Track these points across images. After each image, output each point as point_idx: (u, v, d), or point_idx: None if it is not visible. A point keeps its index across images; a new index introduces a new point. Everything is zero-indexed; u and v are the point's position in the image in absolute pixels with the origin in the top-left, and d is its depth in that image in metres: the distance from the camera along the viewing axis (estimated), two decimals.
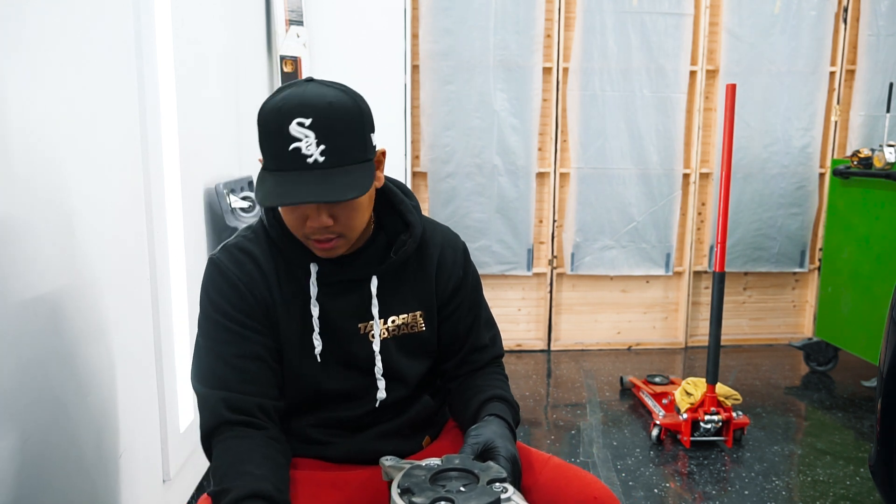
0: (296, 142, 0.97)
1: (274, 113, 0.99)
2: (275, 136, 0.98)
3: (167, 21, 1.85)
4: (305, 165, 0.97)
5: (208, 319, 1.10)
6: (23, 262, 1.18)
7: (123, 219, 1.60)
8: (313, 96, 0.99)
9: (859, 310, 3.16)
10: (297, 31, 3.16)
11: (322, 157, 0.97)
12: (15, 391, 1.14)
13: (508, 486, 0.92)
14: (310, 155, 0.97)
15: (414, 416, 1.22)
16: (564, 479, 1.13)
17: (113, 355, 1.53)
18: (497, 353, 1.29)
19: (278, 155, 0.99)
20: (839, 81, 3.74)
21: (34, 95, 1.22)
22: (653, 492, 2.31)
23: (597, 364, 3.62)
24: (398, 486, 0.93)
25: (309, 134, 0.97)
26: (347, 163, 1.00)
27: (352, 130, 1.01)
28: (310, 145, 0.97)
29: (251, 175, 2.62)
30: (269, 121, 0.99)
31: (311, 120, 0.97)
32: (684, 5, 3.57)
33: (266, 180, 1.00)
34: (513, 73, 3.55)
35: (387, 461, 1.01)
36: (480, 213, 3.65)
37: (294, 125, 0.97)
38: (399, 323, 1.18)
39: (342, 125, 0.99)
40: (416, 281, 1.20)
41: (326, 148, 0.98)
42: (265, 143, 1.01)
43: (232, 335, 1.08)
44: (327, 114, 0.98)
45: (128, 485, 1.58)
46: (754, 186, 3.76)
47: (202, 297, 1.11)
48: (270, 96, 1.02)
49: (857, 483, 2.36)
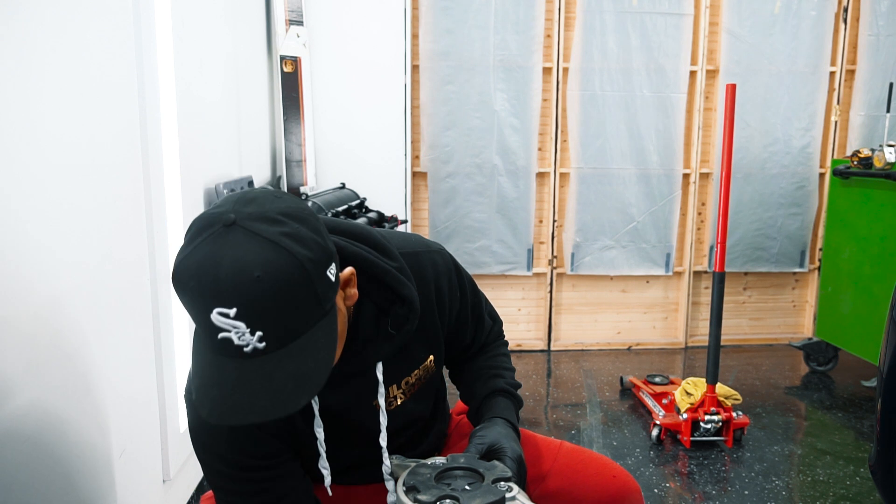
0: (223, 332, 0.76)
1: (189, 292, 0.77)
2: (198, 318, 0.78)
3: (167, 21, 1.85)
4: (243, 354, 0.78)
5: (219, 475, 0.99)
6: (23, 262, 1.18)
7: (123, 218, 1.60)
8: (232, 272, 0.74)
9: (859, 310, 3.16)
10: (297, 31, 3.16)
11: (261, 343, 0.77)
12: (15, 391, 1.14)
13: (513, 486, 0.92)
14: (245, 345, 0.77)
15: (426, 446, 1.21)
16: (581, 463, 1.14)
17: (113, 355, 1.53)
18: (498, 330, 1.29)
19: (208, 338, 0.79)
20: (839, 81, 3.74)
21: (34, 96, 1.22)
22: (653, 492, 2.31)
23: (597, 364, 3.62)
24: (403, 483, 0.93)
25: (238, 325, 0.76)
26: (297, 336, 0.80)
27: (293, 306, 0.78)
28: (242, 335, 0.76)
29: (251, 175, 2.62)
30: (188, 297, 0.77)
31: (236, 310, 0.75)
32: (684, 5, 3.57)
33: (204, 370, 0.81)
34: (513, 73, 3.55)
35: (392, 460, 1.01)
36: (480, 213, 3.66)
37: (216, 316, 0.75)
38: (413, 381, 1.12)
39: (277, 306, 0.77)
40: (420, 336, 1.09)
41: (265, 335, 0.77)
42: (190, 314, 0.80)
43: (255, 485, 1.00)
44: (255, 297, 0.75)
45: (128, 485, 1.58)
46: (754, 186, 3.76)
47: (201, 454, 0.99)
48: (183, 251, 0.79)
49: (857, 483, 2.36)
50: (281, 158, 3.17)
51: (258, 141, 2.97)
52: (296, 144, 3.19)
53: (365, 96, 3.41)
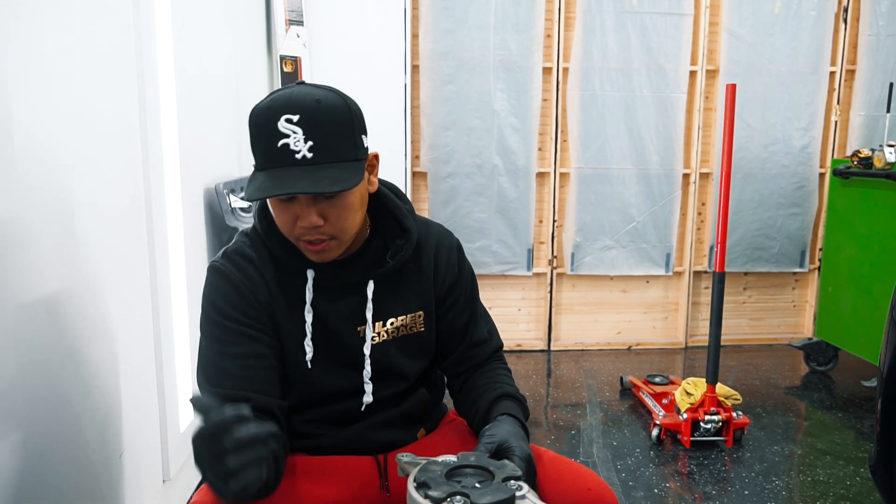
0: (284, 138, 0.98)
1: (263, 111, 1.00)
2: (263, 133, 1.00)
3: (167, 21, 1.85)
4: (294, 161, 0.98)
5: (212, 323, 1.10)
6: (23, 262, 1.18)
7: (123, 218, 1.60)
8: (301, 95, 1.00)
9: (859, 310, 3.16)
10: (297, 31, 3.16)
11: (310, 153, 0.98)
12: (16, 391, 1.15)
13: (523, 484, 0.92)
14: (298, 151, 0.98)
15: (409, 408, 1.23)
16: (558, 473, 1.14)
17: (113, 355, 1.53)
18: (497, 346, 1.31)
19: (267, 152, 1.00)
20: (839, 81, 3.74)
21: (34, 96, 1.22)
22: (653, 492, 2.31)
23: (597, 364, 3.62)
24: (414, 479, 0.93)
25: (297, 130, 0.98)
26: (336, 160, 1.00)
27: (341, 128, 1.01)
28: (297, 141, 0.98)
29: None
30: (259, 119, 1.01)
31: (299, 116, 0.98)
32: (684, 5, 3.57)
33: (255, 178, 1.01)
34: (513, 73, 3.55)
35: (403, 457, 1.01)
36: (480, 213, 3.65)
37: (282, 122, 0.98)
38: (398, 325, 1.19)
39: (330, 123, 1.00)
40: (413, 283, 1.20)
41: (314, 144, 0.98)
42: (255, 142, 1.02)
43: (236, 336, 1.09)
44: (315, 111, 0.99)
45: (128, 484, 1.58)
46: (754, 186, 3.76)
47: (204, 302, 1.12)
48: (261, 100, 1.04)
49: (857, 483, 2.36)
50: None
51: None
52: None
53: (365, 96, 3.34)
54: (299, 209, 1.02)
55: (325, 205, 1.03)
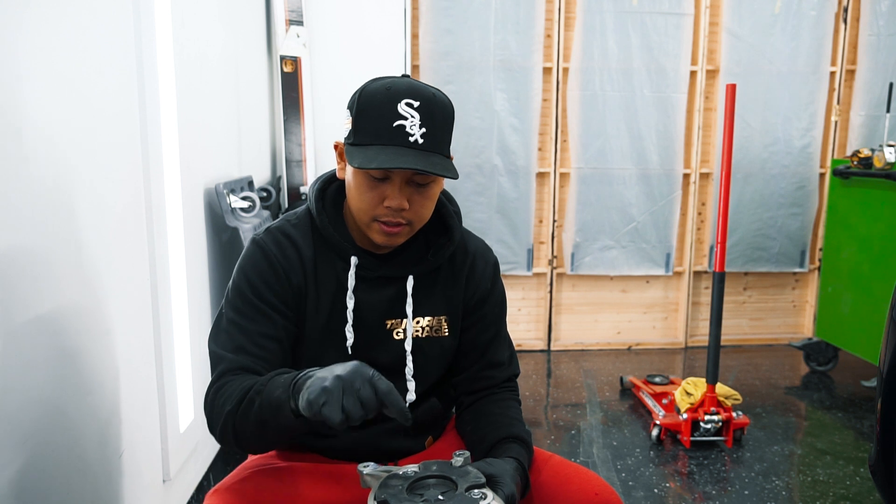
0: (402, 119, 1.02)
1: (383, 91, 1.04)
2: (381, 111, 1.03)
3: (167, 21, 1.85)
4: (407, 143, 1.02)
5: (240, 295, 1.12)
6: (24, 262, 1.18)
7: (123, 218, 1.60)
8: (418, 85, 1.06)
9: (859, 310, 3.16)
10: (297, 31, 3.16)
11: (422, 139, 1.03)
12: (16, 391, 1.14)
13: (487, 492, 0.91)
14: (412, 134, 1.02)
15: (420, 416, 1.21)
16: (564, 477, 1.13)
17: (113, 355, 1.53)
18: (513, 373, 1.28)
19: (381, 129, 1.03)
20: (839, 81, 3.74)
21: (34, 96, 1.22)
22: (653, 492, 2.31)
23: (597, 364, 3.62)
24: (375, 498, 0.91)
25: (415, 115, 1.03)
26: (439, 151, 1.06)
27: (447, 124, 1.08)
28: (413, 125, 1.03)
29: (251, 175, 2.62)
30: (377, 97, 1.04)
31: (419, 103, 1.03)
32: (684, 5, 3.57)
33: (363, 150, 1.04)
34: (513, 73, 3.55)
35: (364, 468, 0.98)
36: (480, 213, 3.65)
37: (403, 104, 1.03)
38: (425, 325, 1.20)
39: (441, 117, 1.06)
40: (446, 286, 1.21)
41: (427, 132, 1.03)
42: (366, 119, 1.05)
43: (259, 314, 1.10)
44: (432, 102, 1.05)
45: (128, 485, 1.58)
46: (754, 186, 3.76)
47: (238, 273, 1.13)
48: (370, 81, 1.08)
49: (857, 483, 2.36)
50: (281, 158, 3.17)
51: (258, 141, 2.97)
52: (296, 144, 3.19)
53: None
54: (390, 190, 1.06)
55: (413, 191, 1.07)
